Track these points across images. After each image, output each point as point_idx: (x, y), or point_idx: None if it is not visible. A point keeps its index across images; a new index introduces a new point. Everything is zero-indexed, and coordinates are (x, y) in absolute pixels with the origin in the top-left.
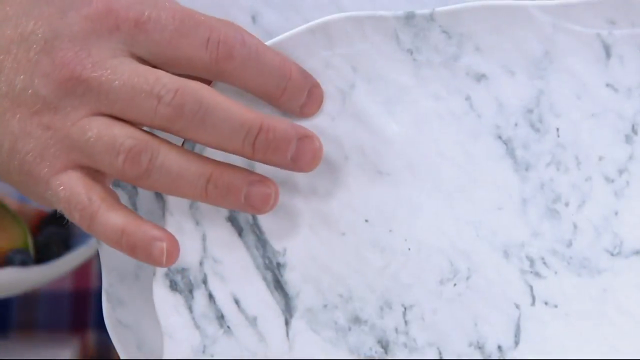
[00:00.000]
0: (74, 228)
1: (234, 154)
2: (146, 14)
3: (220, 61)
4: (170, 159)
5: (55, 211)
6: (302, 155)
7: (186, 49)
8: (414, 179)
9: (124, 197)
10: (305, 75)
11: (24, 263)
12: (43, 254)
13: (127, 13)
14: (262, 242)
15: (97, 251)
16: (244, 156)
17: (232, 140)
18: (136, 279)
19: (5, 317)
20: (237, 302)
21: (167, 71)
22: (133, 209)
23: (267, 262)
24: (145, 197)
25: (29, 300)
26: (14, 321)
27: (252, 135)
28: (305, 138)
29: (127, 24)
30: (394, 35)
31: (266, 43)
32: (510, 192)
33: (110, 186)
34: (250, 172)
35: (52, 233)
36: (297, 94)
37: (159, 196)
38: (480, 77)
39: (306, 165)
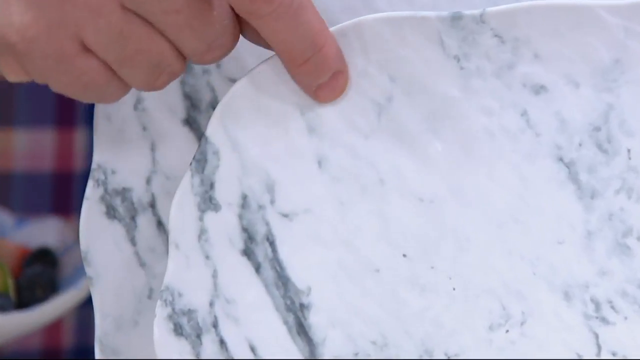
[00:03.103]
0: (62, 267)
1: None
2: None
3: (257, 0)
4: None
5: (41, 248)
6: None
7: None
8: (460, 207)
9: (121, 232)
10: (339, 55)
11: (2, 308)
12: (25, 298)
13: None
14: (283, 279)
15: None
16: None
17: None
18: (135, 326)
19: None
20: (253, 349)
21: None
22: (132, 245)
23: (288, 302)
24: (145, 231)
25: None
26: None
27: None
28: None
29: None
30: (438, 39)
31: None
32: (572, 224)
33: (106, 218)
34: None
35: (37, 273)
36: (319, 70)
37: (162, 229)
38: (539, 89)
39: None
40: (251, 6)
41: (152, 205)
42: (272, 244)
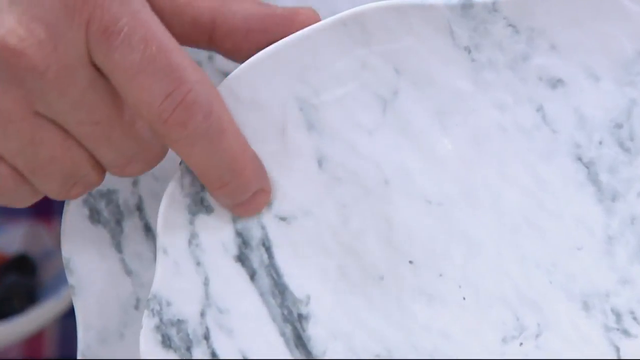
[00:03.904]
0: (42, 275)
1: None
2: (120, 23)
3: (170, 124)
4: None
5: (18, 256)
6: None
7: (140, 88)
8: (470, 209)
9: (105, 237)
10: (260, 175)
11: None
12: (2, 308)
13: (103, 11)
14: (280, 287)
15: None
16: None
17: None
18: (120, 339)
19: None
20: None
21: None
22: (117, 251)
23: (286, 313)
24: (131, 236)
25: None
26: None
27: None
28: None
29: (97, 25)
30: (447, 29)
31: (283, 40)
32: (592, 228)
33: (89, 223)
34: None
35: (14, 283)
36: (238, 193)
37: (150, 234)
38: (556, 83)
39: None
40: (164, 130)
41: (139, 208)
42: (268, 249)
